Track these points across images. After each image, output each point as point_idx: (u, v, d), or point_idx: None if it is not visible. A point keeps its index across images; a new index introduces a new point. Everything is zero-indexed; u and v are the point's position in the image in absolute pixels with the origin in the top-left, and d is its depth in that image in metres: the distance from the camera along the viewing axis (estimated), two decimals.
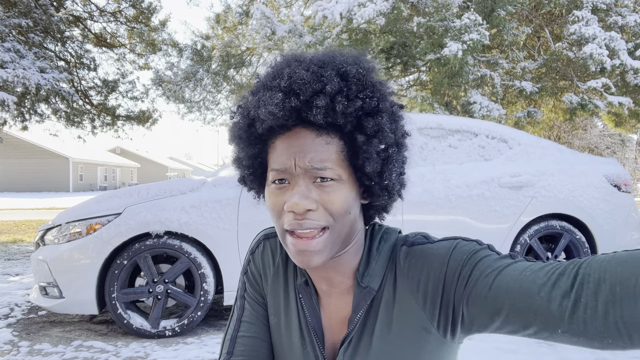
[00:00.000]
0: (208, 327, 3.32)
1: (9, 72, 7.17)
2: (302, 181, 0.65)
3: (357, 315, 0.73)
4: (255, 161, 0.72)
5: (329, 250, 0.67)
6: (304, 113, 0.64)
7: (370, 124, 0.65)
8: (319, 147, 0.65)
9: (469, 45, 5.88)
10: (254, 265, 0.85)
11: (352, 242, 0.72)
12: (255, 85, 0.72)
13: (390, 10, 6.16)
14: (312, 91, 0.63)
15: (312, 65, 0.66)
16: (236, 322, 0.83)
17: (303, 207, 0.64)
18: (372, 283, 0.73)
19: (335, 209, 0.65)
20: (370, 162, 0.66)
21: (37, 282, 3.14)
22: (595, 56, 6.05)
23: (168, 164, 53.10)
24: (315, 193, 0.65)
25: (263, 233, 0.87)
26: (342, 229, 0.68)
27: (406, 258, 0.72)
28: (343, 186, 0.66)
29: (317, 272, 0.75)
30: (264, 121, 0.66)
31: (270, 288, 0.83)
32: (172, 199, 3.15)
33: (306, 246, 0.66)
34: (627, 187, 3.95)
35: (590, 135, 19.38)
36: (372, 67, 0.69)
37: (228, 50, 10.49)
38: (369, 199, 0.72)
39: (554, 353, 2.75)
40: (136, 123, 11.24)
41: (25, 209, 16.09)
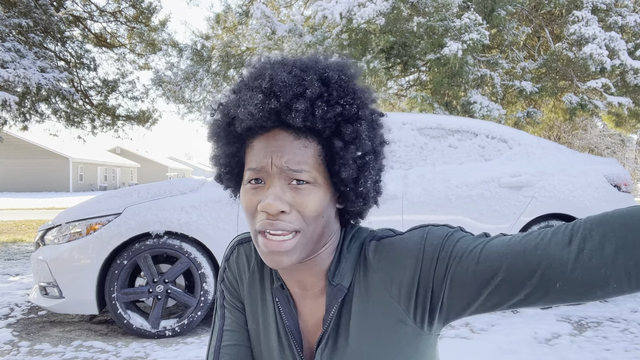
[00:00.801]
0: (208, 327, 3.32)
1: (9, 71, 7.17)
2: (278, 182, 0.66)
3: (330, 314, 0.73)
4: (233, 160, 0.73)
5: (299, 252, 0.67)
6: (283, 115, 0.64)
7: (349, 130, 0.65)
8: (296, 149, 0.65)
9: (469, 45, 5.88)
10: (229, 272, 0.84)
11: (326, 244, 0.73)
12: (237, 83, 0.71)
13: (390, 10, 6.16)
14: (292, 94, 0.64)
15: (294, 68, 0.66)
16: (218, 332, 0.83)
17: (276, 208, 0.64)
18: (343, 281, 0.72)
19: (308, 212, 0.66)
20: (346, 168, 0.66)
21: (37, 282, 3.14)
22: (595, 56, 6.05)
23: (168, 164, 53.10)
24: (290, 195, 0.65)
25: (237, 239, 0.86)
26: (314, 232, 0.68)
27: (375, 252, 0.72)
28: (318, 189, 0.66)
29: (289, 275, 0.75)
30: (243, 121, 0.66)
31: (247, 293, 0.83)
32: (172, 199, 3.15)
33: (277, 247, 0.66)
34: (627, 187, 3.95)
35: (590, 135, 19.38)
36: (355, 73, 0.69)
37: (228, 50, 10.49)
38: (343, 204, 0.72)
39: (554, 353, 2.75)
40: (136, 123, 11.24)
41: (25, 209, 16.09)
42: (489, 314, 1.68)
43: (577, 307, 3.68)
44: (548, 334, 3.07)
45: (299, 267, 0.73)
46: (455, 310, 0.66)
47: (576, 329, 3.20)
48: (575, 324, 3.29)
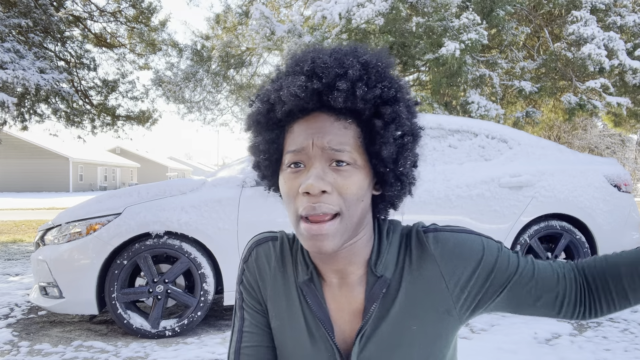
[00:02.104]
0: (208, 327, 3.32)
1: (8, 72, 7.16)
2: (319, 163, 0.66)
3: (373, 305, 0.74)
4: (272, 146, 0.73)
5: (340, 236, 0.67)
6: (325, 96, 0.66)
7: (388, 111, 0.67)
8: (337, 130, 0.67)
9: (467, 45, 5.88)
10: (248, 273, 0.84)
11: (362, 231, 0.73)
12: (275, 74, 0.74)
13: (389, 10, 6.16)
14: (334, 75, 0.66)
15: (334, 53, 0.69)
16: (238, 334, 0.84)
17: (318, 188, 0.64)
18: (386, 272, 0.74)
19: (349, 193, 0.66)
20: (387, 147, 0.67)
21: (37, 282, 3.14)
22: (594, 56, 6.05)
23: (168, 164, 53.09)
24: (331, 176, 0.66)
25: (254, 240, 0.86)
26: (354, 216, 0.68)
27: (437, 244, 0.74)
28: (358, 172, 0.68)
29: (328, 263, 0.75)
30: (285, 104, 0.68)
31: (270, 292, 0.82)
32: (172, 199, 3.15)
33: (319, 230, 0.66)
34: (627, 187, 3.95)
35: (590, 135, 19.38)
36: (391, 62, 0.71)
37: (228, 51, 10.50)
38: (381, 189, 0.74)
39: (554, 353, 2.75)
40: (136, 123, 11.23)
41: (25, 209, 16.09)
42: (489, 314, 1.70)
43: None
44: (548, 334, 3.07)
45: (339, 254, 0.73)
46: (492, 308, 0.76)
47: (576, 329, 3.20)
48: (575, 324, 3.29)
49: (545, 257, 3.69)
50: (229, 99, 12.16)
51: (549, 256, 3.69)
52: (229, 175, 3.41)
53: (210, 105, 11.97)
